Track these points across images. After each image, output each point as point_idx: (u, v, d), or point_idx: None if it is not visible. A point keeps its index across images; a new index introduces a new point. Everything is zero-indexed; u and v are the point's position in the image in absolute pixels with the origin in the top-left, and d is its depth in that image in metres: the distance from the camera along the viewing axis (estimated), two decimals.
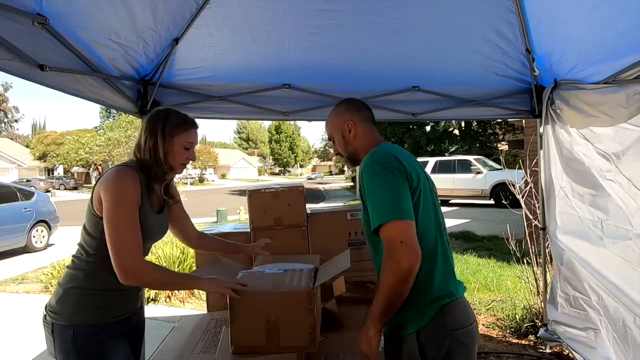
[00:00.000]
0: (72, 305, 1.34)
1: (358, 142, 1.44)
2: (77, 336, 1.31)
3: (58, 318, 1.33)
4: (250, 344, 1.52)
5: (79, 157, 33.11)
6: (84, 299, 1.35)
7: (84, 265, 1.37)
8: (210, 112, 2.98)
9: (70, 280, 1.36)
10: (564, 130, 2.67)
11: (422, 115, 3.16)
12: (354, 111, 1.46)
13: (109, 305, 1.39)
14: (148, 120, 1.46)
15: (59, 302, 1.34)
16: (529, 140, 4.26)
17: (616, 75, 2.15)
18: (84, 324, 1.33)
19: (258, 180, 51.92)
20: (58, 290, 1.36)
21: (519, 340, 3.26)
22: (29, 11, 1.57)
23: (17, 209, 7.68)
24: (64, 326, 1.32)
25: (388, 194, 1.16)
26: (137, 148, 1.44)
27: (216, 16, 2.23)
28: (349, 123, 1.43)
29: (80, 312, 1.33)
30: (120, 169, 1.36)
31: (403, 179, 1.19)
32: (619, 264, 2.20)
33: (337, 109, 1.51)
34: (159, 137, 1.41)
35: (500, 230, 4.55)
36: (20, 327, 3.91)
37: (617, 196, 2.21)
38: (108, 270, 1.30)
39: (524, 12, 2.23)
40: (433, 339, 1.19)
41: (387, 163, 1.21)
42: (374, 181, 1.19)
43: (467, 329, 1.23)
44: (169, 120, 1.44)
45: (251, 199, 2.45)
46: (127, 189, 1.32)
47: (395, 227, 1.12)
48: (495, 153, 17.91)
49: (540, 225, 3.14)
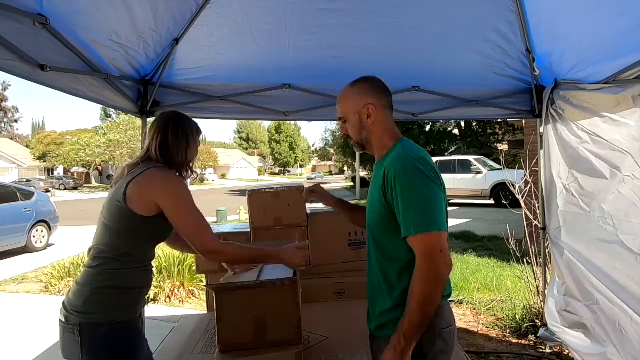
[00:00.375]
0: (102, 304, 1.36)
1: (376, 131, 1.31)
2: (109, 333, 1.34)
3: (87, 317, 1.34)
4: (238, 341, 1.55)
5: (79, 158, 33.11)
6: (114, 297, 1.38)
7: (112, 264, 1.39)
8: (210, 112, 2.98)
9: (97, 280, 1.37)
10: (568, 129, 2.67)
11: (422, 115, 3.16)
12: (377, 95, 1.33)
13: (134, 302, 1.45)
14: (177, 123, 1.51)
15: (87, 302, 1.35)
16: (529, 140, 4.26)
17: (616, 75, 2.16)
18: (116, 321, 1.37)
19: (258, 180, 51.92)
20: (82, 291, 1.36)
21: (519, 340, 3.25)
22: (30, 11, 1.57)
23: (17, 209, 7.68)
24: (96, 324, 1.34)
25: (430, 203, 1.13)
26: (162, 149, 1.47)
27: (216, 16, 2.23)
28: (370, 107, 1.29)
29: (110, 311, 1.37)
30: (164, 170, 1.45)
31: (441, 187, 1.18)
32: (631, 263, 2.19)
33: (357, 87, 1.36)
34: (191, 141, 1.52)
35: (500, 230, 4.55)
36: (20, 327, 3.91)
37: (631, 192, 2.20)
38: (135, 268, 1.41)
39: (524, 12, 2.23)
40: (425, 339, 1.17)
41: (428, 169, 1.17)
42: (414, 186, 1.14)
43: (451, 328, 1.24)
44: (193, 125, 1.55)
45: (251, 199, 2.45)
46: (183, 184, 1.43)
47: (436, 237, 1.11)
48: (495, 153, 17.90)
49: (540, 225, 3.14)
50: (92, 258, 1.41)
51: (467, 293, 4.41)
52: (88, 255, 1.43)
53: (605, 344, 2.40)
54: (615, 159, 2.31)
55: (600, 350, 2.45)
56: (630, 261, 2.20)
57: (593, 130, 2.45)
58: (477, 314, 3.88)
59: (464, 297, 4.27)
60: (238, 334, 1.55)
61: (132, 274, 1.41)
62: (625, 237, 2.25)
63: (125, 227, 1.38)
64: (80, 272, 1.44)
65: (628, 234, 2.23)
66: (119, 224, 1.39)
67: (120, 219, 1.38)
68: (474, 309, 4.00)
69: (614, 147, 2.30)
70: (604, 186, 2.40)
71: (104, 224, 1.41)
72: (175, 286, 4.60)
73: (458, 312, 3.97)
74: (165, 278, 4.59)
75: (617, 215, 2.31)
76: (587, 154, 2.52)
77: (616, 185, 2.30)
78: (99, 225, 1.43)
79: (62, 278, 5.07)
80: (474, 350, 3.10)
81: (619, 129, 2.26)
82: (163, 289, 4.50)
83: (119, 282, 1.39)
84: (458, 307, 4.06)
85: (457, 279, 4.87)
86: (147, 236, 1.44)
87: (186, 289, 4.65)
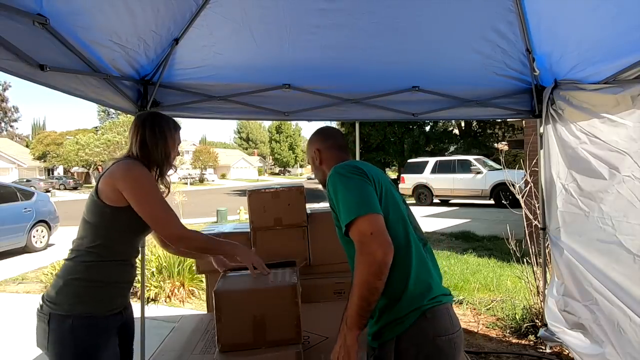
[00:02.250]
0: (72, 295, 1.38)
1: (325, 168, 1.52)
2: (75, 326, 1.35)
3: (57, 308, 1.36)
4: (237, 342, 1.55)
5: (79, 158, 33.13)
6: (84, 290, 1.39)
7: (86, 257, 1.42)
8: (210, 112, 2.98)
9: (71, 272, 1.40)
10: (567, 129, 2.67)
11: (422, 115, 3.16)
12: (322, 139, 1.57)
13: (107, 297, 1.45)
14: (153, 122, 1.57)
15: (58, 293, 1.37)
16: (529, 140, 4.26)
17: (616, 75, 2.15)
18: (82, 314, 1.37)
19: (258, 180, 51.91)
20: (57, 282, 1.40)
21: (519, 340, 3.26)
22: (30, 11, 1.57)
23: (17, 209, 7.67)
24: (63, 316, 1.35)
25: (352, 193, 1.18)
26: (141, 147, 1.54)
27: (216, 16, 2.23)
28: (316, 152, 1.55)
29: (79, 303, 1.38)
30: (132, 161, 1.49)
31: (365, 179, 1.23)
32: (629, 264, 2.19)
33: (309, 140, 1.63)
34: (169, 138, 1.58)
35: (500, 230, 4.55)
36: (20, 327, 3.91)
37: (630, 192, 2.20)
38: (110, 261, 1.44)
39: (524, 12, 2.23)
40: (413, 346, 1.15)
41: (347, 167, 1.27)
42: (336, 187, 1.22)
43: (450, 337, 1.18)
44: (170, 122, 1.62)
45: (251, 199, 2.45)
46: (147, 174, 1.46)
47: (363, 222, 1.11)
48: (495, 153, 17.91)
49: (540, 225, 3.14)
50: (70, 251, 1.45)
51: (467, 293, 4.41)
52: (69, 250, 1.47)
53: (604, 345, 2.40)
54: (614, 160, 2.30)
55: (598, 351, 2.45)
56: (628, 262, 2.20)
57: (591, 131, 2.46)
58: (477, 314, 3.89)
59: (464, 297, 4.27)
60: (238, 334, 1.55)
61: (106, 267, 1.43)
62: (624, 237, 2.25)
63: (99, 219, 1.43)
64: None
65: (627, 235, 2.23)
66: (94, 217, 1.43)
67: (95, 211, 1.43)
68: (474, 309, 4.00)
69: (612, 148, 2.30)
70: (603, 187, 2.40)
71: (82, 219, 1.47)
72: (175, 286, 4.60)
73: (458, 312, 3.97)
74: (165, 278, 4.59)
75: (616, 215, 2.31)
76: (585, 154, 2.52)
77: (615, 186, 2.30)
78: (80, 220, 1.48)
79: None
80: (474, 350, 3.10)
81: (617, 129, 2.26)
82: (163, 289, 4.50)
83: (92, 274, 1.41)
84: (458, 307, 4.07)
85: (457, 279, 4.88)
86: (121, 228, 1.46)
87: (186, 289, 4.65)
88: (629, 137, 2.19)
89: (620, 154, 2.25)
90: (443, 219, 10.78)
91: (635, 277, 2.15)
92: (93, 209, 1.44)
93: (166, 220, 1.42)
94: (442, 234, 8.34)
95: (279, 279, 1.66)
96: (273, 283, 1.62)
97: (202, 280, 4.33)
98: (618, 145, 2.26)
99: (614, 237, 2.31)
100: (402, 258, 1.19)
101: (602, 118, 2.34)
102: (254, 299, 1.57)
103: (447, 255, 6.24)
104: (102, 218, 1.43)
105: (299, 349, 1.55)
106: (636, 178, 2.16)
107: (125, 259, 1.51)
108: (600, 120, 2.37)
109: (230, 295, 1.55)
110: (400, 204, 1.30)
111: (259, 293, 1.58)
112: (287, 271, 1.76)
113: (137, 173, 1.44)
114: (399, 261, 1.16)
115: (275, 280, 1.65)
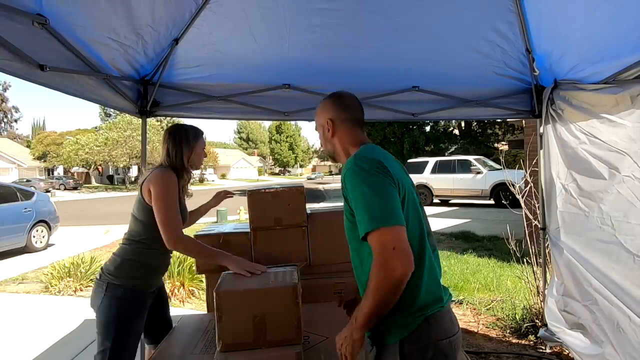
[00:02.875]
0: (125, 271, 1.78)
1: (338, 143, 1.41)
2: (123, 294, 1.77)
3: (113, 279, 1.77)
4: (238, 341, 1.55)
5: (79, 158, 33.13)
6: (135, 269, 1.80)
7: (137, 244, 1.82)
8: (210, 112, 2.98)
9: (126, 254, 1.81)
10: (567, 129, 2.67)
11: (422, 115, 3.16)
12: (338, 110, 1.41)
13: (150, 278, 1.87)
14: (174, 133, 1.91)
15: (116, 268, 1.79)
16: (529, 140, 4.26)
17: (616, 75, 2.16)
18: (130, 286, 1.78)
19: (258, 180, 51.91)
20: (115, 259, 1.81)
21: (519, 340, 3.26)
22: (29, 11, 1.57)
23: (17, 209, 7.67)
24: (117, 285, 1.77)
25: (376, 198, 1.09)
26: (166, 156, 1.89)
27: (216, 16, 2.23)
28: (328, 122, 1.39)
29: (130, 278, 1.79)
30: (164, 170, 1.83)
31: (390, 180, 1.14)
32: (629, 264, 2.19)
33: (323, 103, 1.46)
34: (184, 146, 1.90)
35: (500, 230, 4.55)
36: (20, 327, 3.91)
37: (630, 192, 2.20)
38: (154, 250, 1.83)
39: (524, 13, 2.23)
40: (416, 350, 1.15)
41: (369, 162, 1.16)
42: (359, 185, 1.13)
43: (450, 339, 1.18)
44: (189, 132, 1.93)
45: (251, 199, 2.44)
46: (170, 183, 1.79)
47: (386, 233, 1.05)
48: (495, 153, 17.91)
49: (540, 225, 3.14)
50: (124, 239, 1.86)
51: (467, 293, 4.41)
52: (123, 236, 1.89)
53: (604, 345, 2.40)
54: (614, 160, 2.31)
55: (598, 351, 2.45)
56: (628, 262, 2.20)
57: (591, 131, 2.46)
58: (477, 314, 3.88)
59: (464, 297, 4.27)
60: (238, 333, 1.55)
61: (152, 254, 1.84)
62: (624, 237, 2.25)
63: (143, 214, 1.80)
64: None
65: (626, 235, 2.24)
66: (140, 214, 1.81)
67: (140, 209, 1.81)
68: (474, 309, 4.00)
69: (612, 148, 2.30)
70: (603, 187, 2.40)
71: (132, 215, 1.85)
72: (175, 286, 4.60)
73: (458, 312, 3.97)
74: (166, 278, 4.59)
75: (616, 215, 2.31)
76: (585, 154, 2.52)
77: (615, 186, 2.31)
78: (130, 218, 1.86)
79: (62, 278, 5.07)
80: (474, 350, 3.10)
81: (615, 129, 2.26)
82: None
83: (142, 258, 1.82)
84: (458, 307, 4.07)
85: (457, 279, 4.88)
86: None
87: (186, 289, 4.65)
88: (628, 137, 2.19)
89: (620, 154, 2.25)
90: (443, 219, 10.78)
91: (635, 277, 2.15)
92: (138, 207, 1.82)
93: (168, 225, 1.73)
94: (442, 234, 8.34)
95: (279, 279, 1.67)
96: (274, 283, 1.62)
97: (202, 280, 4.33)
98: (617, 146, 2.27)
99: (614, 237, 2.31)
100: (415, 268, 1.12)
101: (602, 118, 2.34)
102: (255, 299, 1.57)
103: (447, 255, 6.24)
104: (146, 215, 1.79)
105: (299, 349, 1.55)
106: (636, 178, 2.16)
107: (163, 250, 1.84)
108: (599, 120, 2.37)
109: (231, 295, 1.56)
110: (419, 208, 1.25)
111: (260, 293, 1.58)
112: (288, 271, 1.77)
113: (162, 181, 1.77)
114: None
115: (276, 280, 1.65)
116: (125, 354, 1.76)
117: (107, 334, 1.74)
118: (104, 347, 1.73)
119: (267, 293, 1.59)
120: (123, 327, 1.75)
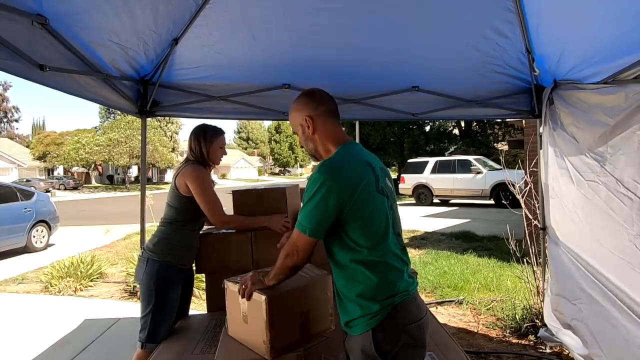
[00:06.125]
0: (162, 248, 2.10)
1: (318, 139, 1.42)
2: (161, 268, 2.07)
3: (152, 255, 2.09)
4: (288, 343, 1.52)
5: (79, 157, 33.11)
6: (171, 247, 2.11)
7: (172, 225, 2.14)
8: (210, 112, 2.98)
9: (163, 234, 2.13)
10: (557, 131, 2.69)
11: (421, 115, 3.16)
12: (315, 105, 1.42)
13: (182, 255, 2.15)
14: (195, 132, 2.17)
15: (155, 245, 2.11)
16: (529, 140, 4.26)
17: (615, 76, 2.15)
18: (166, 262, 2.09)
19: (258, 180, 51.89)
20: (154, 239, 2.14)
21: (519, 340, 3.25)
22: (29, 11, 1.57)
23: (17, 209, 7.67)
24: (155, 260, 2.08)
25: (313, 210, 1.26)
26: (190, 151, 2.18)
27: (216, 16, 2.23)
28: (307, 119, 1.40)
29: (167, 254, 2.10)
30: (193, 165, 2.13)
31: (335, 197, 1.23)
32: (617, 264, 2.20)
33: (297, 102, 1.47)
34: (202, 143, 2.15)
35: (500, 230, 4.54)
36: (20, 327, 3.91)
37: (605, 196, 2.22)
38: (187, 230, 2.16)
39: (523, 13, 2.23)
40: (388, 336, 1.25)
41: (326, 178, 1.24)
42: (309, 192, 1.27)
43: (418, 323, 1.29)
44: (207, 131, 2.18)
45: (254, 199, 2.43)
46: (202, 176, 2.10)
47: (302, 239, 1.29)
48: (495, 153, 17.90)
49: (540, 225, 3.14)
50: (161, 221, 2.19)
51: (467, 293, 4.41)
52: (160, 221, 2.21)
53: (591, 345, 2.42)
54: (591, 164, 2.34)
55: (585, 352, 2.47)
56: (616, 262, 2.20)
57: (590, 131, 2.46)
58: (477, 314, 3.88)
59: (464, 297, 4.27)
60: (287, 335, 1.52)
61: (185, 234, 2.15)
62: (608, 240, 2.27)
63: (175, 202, 2.13)
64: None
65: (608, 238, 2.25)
66: (174, 202, 2.13)
67: (174, 198, 2.13)
68: (474, 309, 4.00)
69: (589, 153, 2.32)
70: (581, 190, 2.44)
71: (167, 203, 2.17)
72: None
73: (458, 312, 3.97)
74: None
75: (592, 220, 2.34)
76: (583, 154, 2.52)
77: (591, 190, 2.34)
78: (165, 204, 2.18)
79: (62, 278, 5.07)
80: (474, 350, 3.10)
81: (615, 129, 2.26)
82: None
83: (177, 237, 2.13)
84: (458, 307, 4.07)
85: (457, 279, 4.88)
86: (191, 209, 2.10)
87: None
88: (626, 138, 2.19)
89: (602, 157, 2.26)
90: (443, 219, 10.77)
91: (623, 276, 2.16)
92: (173, 197, 2.13)
93: (213, 210, 2.08)
94: (442, 234, 8.34)
95: (308, 273, 1.69)
96: (311, 278, 1.65)
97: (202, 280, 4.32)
98: (599, 150, 2.28)
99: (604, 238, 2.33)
100: (380, 264, 1.27)
101: (600, 118, 2.34)
102: (302, 296, 1.58)
103: (447, 255, 6.24)
104: (177, 202, 2.11)
105: (300, 351, 1.55)
106: (611, 183, 2.18)
107: (195, 229, 2.21)
108: (599, 120, 2.37)
109: (281, 297, 1.49)
110: (385, 200, 1.32)
111: (305, 289, 1.60)
112: (306, 265, 1.74)
113: (197, 174, 2.08)
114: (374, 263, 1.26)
115: (308, 274, 1.68)
116: (163, 315, 2.08)
117: (148, 301, 2.05)
118: (146, 312, 2.06)
119: (311, 287, 1.62)
120: (160, 295, 2.06)
